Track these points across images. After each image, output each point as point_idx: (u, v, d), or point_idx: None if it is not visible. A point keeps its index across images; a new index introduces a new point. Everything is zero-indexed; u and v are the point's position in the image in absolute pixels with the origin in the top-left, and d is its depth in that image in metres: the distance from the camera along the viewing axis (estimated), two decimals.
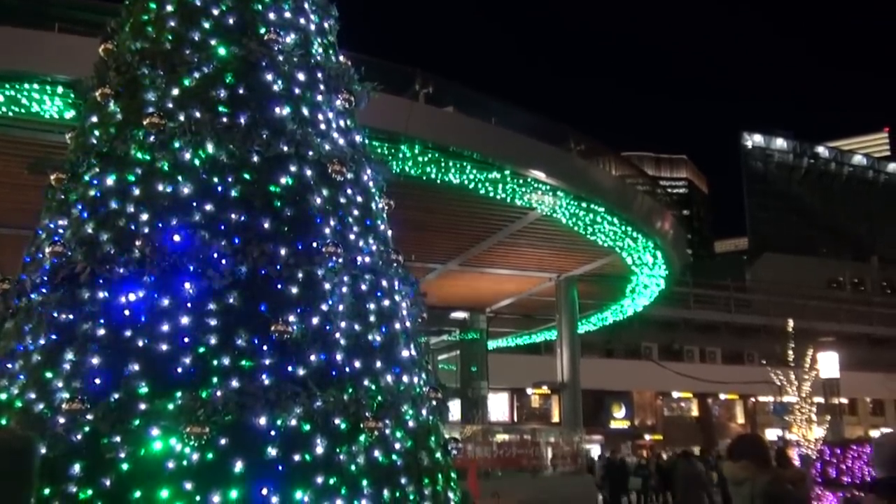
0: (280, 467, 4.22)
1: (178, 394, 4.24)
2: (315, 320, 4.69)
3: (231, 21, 5.38)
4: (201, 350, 4.39)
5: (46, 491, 4.02)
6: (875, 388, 49.70)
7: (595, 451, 41.94)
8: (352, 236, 5.26)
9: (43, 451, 4.03)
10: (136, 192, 4.86)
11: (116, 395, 4.27)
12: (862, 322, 55.37)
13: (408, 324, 5.59)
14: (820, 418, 30.21)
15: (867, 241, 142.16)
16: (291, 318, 4.57)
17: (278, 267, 4.68)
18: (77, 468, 4.11)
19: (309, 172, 5.15)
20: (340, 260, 4.93)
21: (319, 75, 5.69)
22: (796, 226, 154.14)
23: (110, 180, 4.96)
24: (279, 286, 4.66)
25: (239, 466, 4.13)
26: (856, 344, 47.86)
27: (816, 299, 54.26)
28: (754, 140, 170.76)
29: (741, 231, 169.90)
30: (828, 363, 28.70)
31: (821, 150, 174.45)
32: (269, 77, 5.31)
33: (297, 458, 4.28)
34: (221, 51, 5.26)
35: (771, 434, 44.13)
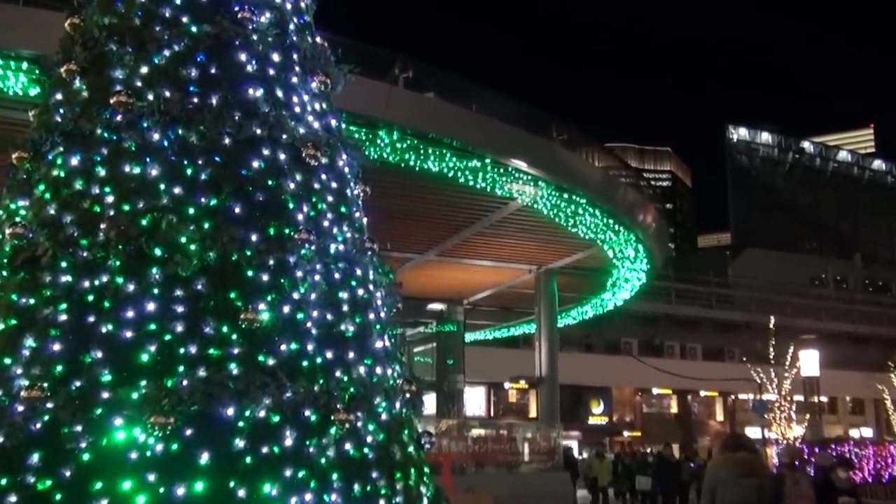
0: (247, 459, 4.19)
1: (143, 382, 4.21)
2: (286, 309, 4.67)
3: None
4: (167, 338, 4.35)
5: (3, 481, 3.98)
6: (855, 387, 50.35)
7: (574, 448, 42.29)
8: (325, 223, 5.23)
9: (0, 440, 3.99)
10: (102, 172, 4.80)
11: (78, 383, 4.23)
12: (844, 320, 55.99)
13: (382, 314, 5.57)
14: (799, 417, 30.54)
15: (851, 239, 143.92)
16: (262, 306, 4.54)
17: (248, 253, 4.65)
18: (36, 458, 4.06)
19: (282, 156, 5.11)
20: (313, 247, 4.90)
21: (295, 56, 5.65)
22: (780, 221, 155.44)
23: (75, 160, 4.89)
24: (249, 273, 4.63)
25: (205, 458, 4.10)
26: (837, 342, 48.40)
27: (798, 296, 54.79)
28: (739, 134, 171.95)
29: (724, 226, 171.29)
30: (808, 361, 28.96)
31: (806, 145, 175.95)
32: (243, 57, 5.26)
33: (265, 450, 4.26)
34: (193, 28, 5.20)
35: (750, 432, 44.56)
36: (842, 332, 53.74)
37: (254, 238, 4.71)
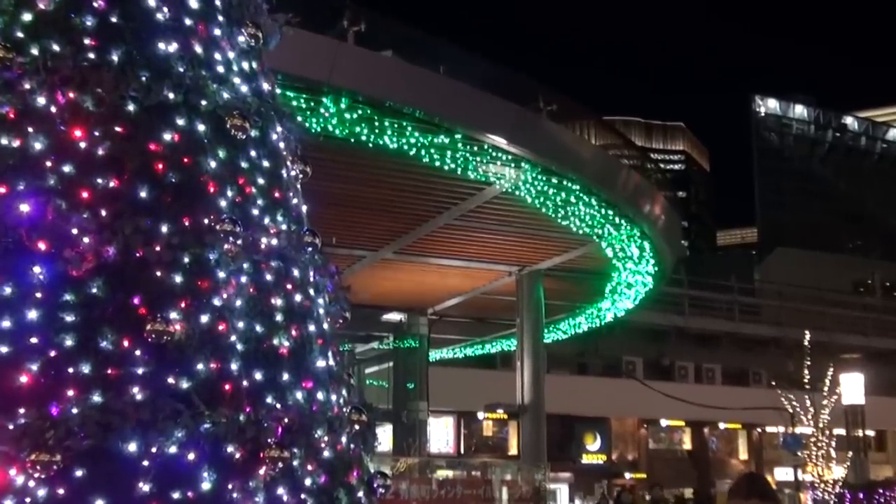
0: None
1: (21, 410, 4.17)
2: (204, 318, 4.65)
3: None
4: (53, 354, 4.32)
5: None
6: None
7: (563, 492, 42.50)
8: (255, 211, 5.23)
9: None
10: None
11: None
12: (894, 335, 56.70)
13: (325, 326, 5.59)
14: (840, 454, 30.95)
15: None
16: (173, 315, 4.52)
17: (157, 248, 4.63)
18: None
19: (201, 127, 5.11)
20: (239, 241, 4.89)
21: (217, 3, 5.64)
22: (817, 214, 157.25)
23: None
24: (158, 273, 4.61)
25: None
26: (886, 362, 49.13)
27: (839, 306, 55.48)
28: (768, 106, 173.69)
29: (749, 219, 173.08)
30: (851, 386, 29.40)
31: (849, 120, 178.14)
32: (152, 2, 5.23)
33: (176, 495, 4.25)
34: None
35: (781, 473, 45.07)
36: (891, 350, 54.48)
37: (164, 229, 4.69)
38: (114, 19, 5.08)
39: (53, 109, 4.84)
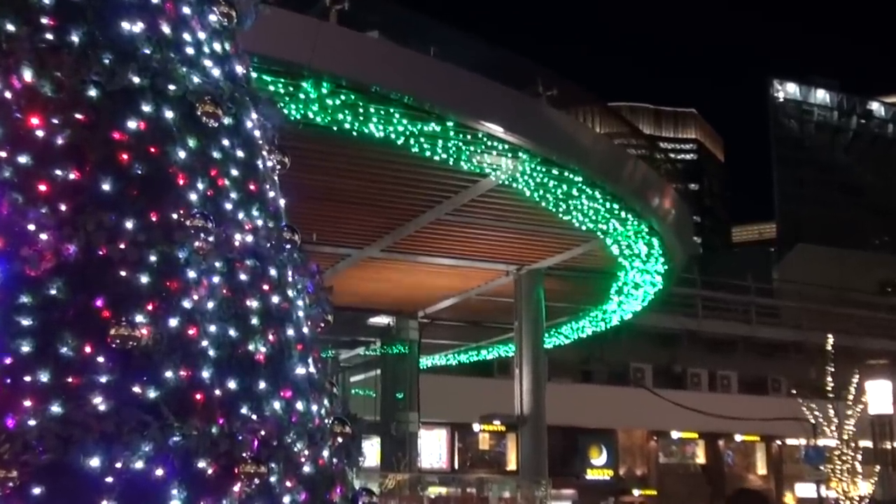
0: None
1: None
2: (173, 322, 4.66)
3: None
4: (9, 361, 4.32)
5: None
6: None
7: None
8: (228, 206, 5.23)
9: None
10: None
11: None
12: None
13: (305, 330, 5.59)
14: (867, 469, 30.94)
15: None
16: (140, 319, 4.53)
17: (122, 246, 4.63)
18: None
19: (169, 114, 5.11)
20: (211, 238, 4.90)
21: None
22: (840, 208, 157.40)
23: None
24: (123, 273, 4.61)
25: None
26: None
27: (865, 307, 55.52)
28: (787, 91, 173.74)
29: (767, 214, 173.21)
30: (879, 394, 29.37)
31: (874, 106, 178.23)
32: None
33: None
34: None
35: (802, 490, 45.16)
36: None
37: (129, 225, 4.69)
38: None
39: (9, 95, 4.84)
